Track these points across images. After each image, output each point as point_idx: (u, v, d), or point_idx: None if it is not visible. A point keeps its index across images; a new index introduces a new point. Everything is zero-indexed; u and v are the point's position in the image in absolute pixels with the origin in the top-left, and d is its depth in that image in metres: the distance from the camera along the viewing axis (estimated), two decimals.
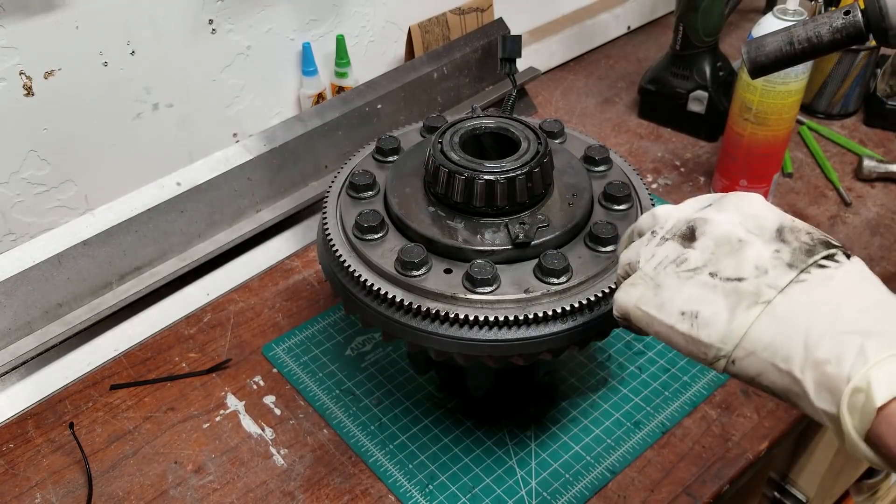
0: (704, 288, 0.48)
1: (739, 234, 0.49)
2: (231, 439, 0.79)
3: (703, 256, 0.49)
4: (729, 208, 0.51)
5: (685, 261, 0.49)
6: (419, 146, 0.78)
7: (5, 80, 0.84)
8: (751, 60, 0.67)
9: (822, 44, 0.65)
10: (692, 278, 0.48)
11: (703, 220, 0.50)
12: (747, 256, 0.47)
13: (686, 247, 0.50)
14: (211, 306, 0.94)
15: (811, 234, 0.48)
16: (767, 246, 0.48)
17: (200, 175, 0.94)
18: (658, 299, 0.50)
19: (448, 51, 1.15)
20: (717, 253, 0.48)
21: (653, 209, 0.56)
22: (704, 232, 0.50)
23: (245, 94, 1.06)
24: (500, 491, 0.74)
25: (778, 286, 0.46)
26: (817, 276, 0.46)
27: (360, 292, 0.66)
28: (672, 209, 0.54)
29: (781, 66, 0.67)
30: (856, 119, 1.23)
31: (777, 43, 0.66)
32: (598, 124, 1.25)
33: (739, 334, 0.46)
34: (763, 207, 0.51)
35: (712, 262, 0.48)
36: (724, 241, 0.49)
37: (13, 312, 0.83)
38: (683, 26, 1.14)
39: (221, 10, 0.97)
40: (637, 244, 0.54)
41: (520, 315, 0.62)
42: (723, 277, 0.47)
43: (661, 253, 0.51)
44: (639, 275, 0.52)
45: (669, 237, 0.52)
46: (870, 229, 1.03)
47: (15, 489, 0.76)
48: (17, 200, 0.90)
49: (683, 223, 0.51)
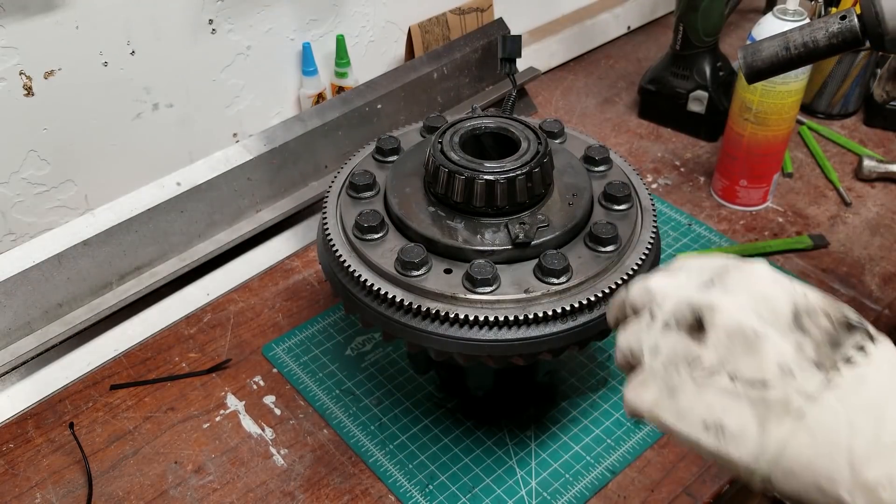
0: (726, 395, 0.43)
1: (753, 325, 0.43)
2: (231, 439, 0.79)
3: (717, 355, 0.44)
4: (736, 290, 0.46)
5: (698, 361, 0.44)
6: (419, 146, 0.78)
7: (5, 80, 0.84)
8: (747, 65, 0.67)
9: (819, 49, 0.65)
10: (710, 382, 0.44)
11: (710, 307, 0.45)
12: (767, 354, 0.43)
13: (695, 340, 0.45)
14: (211, 306, 0.94)
15: (829, 314, 0.44)
16: (786, 338, 0.43)
17: (200, 175, 0.94)
18: (675, 406, 0.45)
19: (448, 51, 1.15)
20: (733, 349, 0.44)
21: (645, 282, 0.50)
22: (713, 323, 0.45)
23: (245, 94, 1.06)
24: (500, 491, 0.74)
25: (809, 393, 0.41)
26: (849, 377, 0.41)
27: (360, 292, 0.66)
28: (668, 284, 0.49)
29: (778, 72, 0.67)
30: (856, 119, 1.23)
31: (773, 48, 0.66)
32: (598, 124, 1.25)
33: (774, 452, 0.41)
34: (772, 285, 0.46)
35: (729, 362, 0.43)
36: (738, 335, 0.44)
37: (13, 312, 0.83)
38: (683, 26, 1.14)
39: (221, 10, 0.97)
40: (635, 327, 0.49)
41: (520, 315, 0.62)
42: (744, 381, 0.43)
43: (667, 346, 0.46)
44: (648, 372, 0.47)
45: (672, 324, 0.46)
46: (870, 229, 1.03)
47: (15, 489, 0.76)
48: (17, 200, 0.90)
49: (686, 307, 0.46)
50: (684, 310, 0.46)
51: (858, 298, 0.93)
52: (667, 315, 0.47)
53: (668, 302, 0.47)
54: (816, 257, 0.98)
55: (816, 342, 0.43)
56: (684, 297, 0.47)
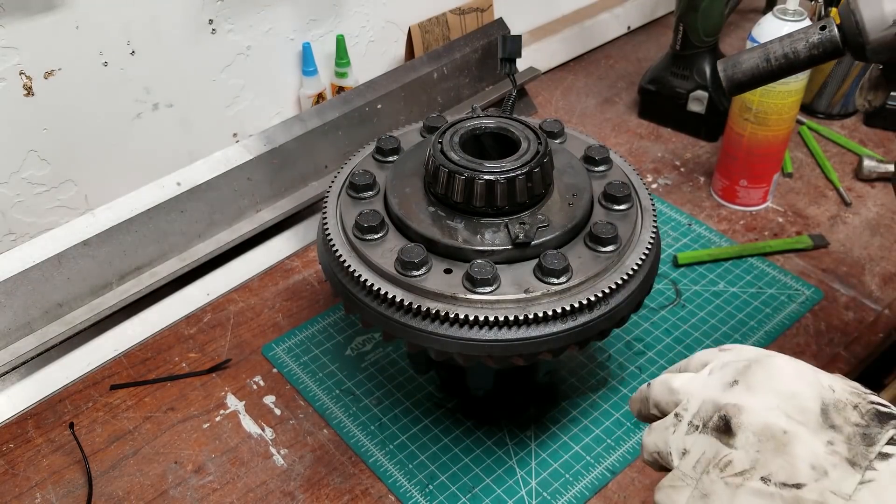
0: (760, 497, 0.42)
1: (782, 425, 0.43)
2: (231, 439, 0.79)
3: (748, 457, 0.43)
4: (761, 388, 0.45)
5: (729, 463, 0.44)
6: (419, 146, 0.78)
7: (5, 80, 0.84)
8: (727, 78, 0.66)
9: (800, 60, 0.64)
10: (743, 485, 0.43)
11: (737, 408, 0.45)
12: (799, 454, 0.42)
13: (724, 443, 0.45)
14: (211, 306, 0.94)
15: (858, 407, 0.43)
16: (817, 436, 0.43)
17: (200, 175, 0.94)
18: None
19: (448, 51, 1.15)
20: (763, 451, 0.43)
21: (667, 379, 0.50)
22: (741, 424, 0.44)
23: (245, 94, 1.06)
24: (500, 491, 0.74)
25: (845, 493, 0.41)
26: (884, 472, 0.41)
27: (360, 292, 0.66)
28: (692, 384, 0.49)
29: (758, 84, 0.66)
30: (856, 119, 1.23)
31: (753, 60, 0.65)
32: (598, 124, 1.25)
33: None
34: (796, 381, 0.45)
35: (761, 465, 0.43)
36: (768, 436, 0.43)
37: (13, 312, 0.83)
38: (683, 26, 1.14)
39: (221, 10, 0.97)
40: (661, 429, 0.48)
41: (520, 315, 0.62)
42: (778, 483, 0.42)
43: (696, 448, 0.46)
44: (678, 476, 0.46)
45: (699, 426, 0.46)
46: (870, 229, 1.03)
47: (15, 489, 0.76)
48: (17, 200, 0.90)
49: (712, 408, 0.46)
50: (710, 411, 0.46)
51: (858, 298, 0.93)
52: (693, 416, 0.47)
53: (693, 402, 0.47)
54: (816, 257, 0.98)
55: (848, 438, 0.42)
56: (709, 399, 0.47)
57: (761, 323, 0.89)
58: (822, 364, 0.85)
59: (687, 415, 0.47)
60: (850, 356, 0.86)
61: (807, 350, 0.86)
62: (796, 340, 0.88)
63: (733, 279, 0.95)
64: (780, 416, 0.44)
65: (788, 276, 0.95)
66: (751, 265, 0.97)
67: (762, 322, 0.90)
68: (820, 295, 0.93)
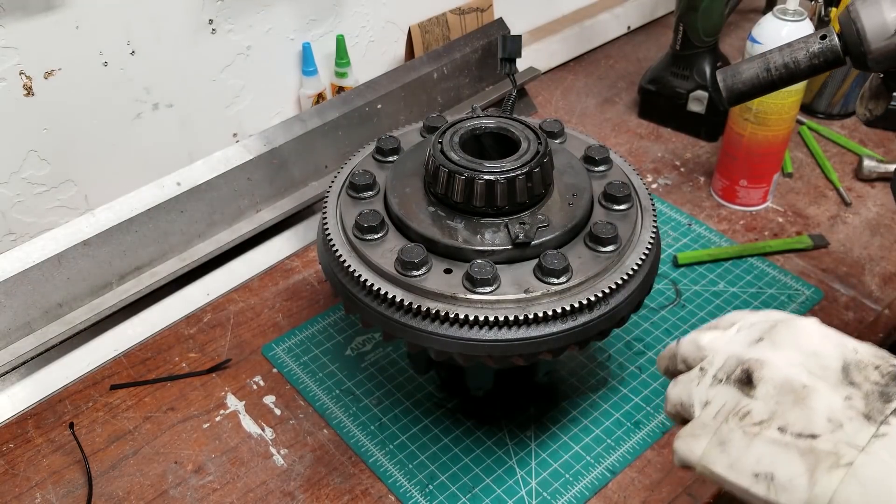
0: (776, 446, 0.44)
1: (803, 379, 0.45)
2: (231, 439, 0.79)
3: (767, 408, 0.45)
4: (785, 345, 0.47)
5: (748, 413, 0.46)
6: (419, 146, 0.78)
7: (5, 80, 0.84)
8: (727, 88, 0.65)
9: (800, 69, 0.63)
10: (760, 434, 0.45)
11: (760, 362, 0.46)
12: (817, 408, 0.44)
13: (745, 394, 0.46)
14: (211, 306, 0.94)
15: (879, 367, 0.44)
16: (836, 391, 0.44)
17: (200, 175, 0.94)
18: (726, 458, 0.46)
19: (448, 51, 1.15)
20: (782, 403, 0.45)
21: (695, 337, 0.51)
22: (763, 377, 0.46)
23: (245, 94, 1.06)
24: (500, 491, 0.74)
25: (858, 444, 0.42)
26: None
27: (360, 292, 0.66)
28: (718, 340, 0.50)
29: (759, 94, 0.65)
30: (856, 119, 1.23)
31: (754, 70, 0.64)
32: (598, 124, 1.25)
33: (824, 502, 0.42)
34: (822, 340, 0.47)
35: (779, 415, 0.45)
36: (788, 389, 0.45)
37: (13, 312, 0.83)
38: (683, 26, 1.14)
39: (221, 10, 0.97)
40: (686, 382, 0.50)
41: (520, 315, 0.62)
42: (794, 433, 0.44)
43: (717, 399, 0.48)
44: (698, 424, 0.48)
45: (723, 378, 0.48)
46: (870, 229, 1.03)
47: (15, 489, 0.76)
48: (17, 200, 0.91)
49: (735, 363, 0.48)
50: (734, 364, 0.48)
51: (858, 298, 0.93)
52: (717, 370, 0.49)
53: (719, 357, 0.49)
54: (816, 257, 0.98)
55: (866, 394, 0.43)
56: (734, 353, 0.48)
57: None
58: None
59: (711, 369, 0.49)
60: None
61: None
62: None
63: (733, 279, 0.95)
64: (801, 371, 0.45)
65: (788, 276, 0.95)
66: (751, 265, 0.97)
67: None
68: (820, 295, 0.93)
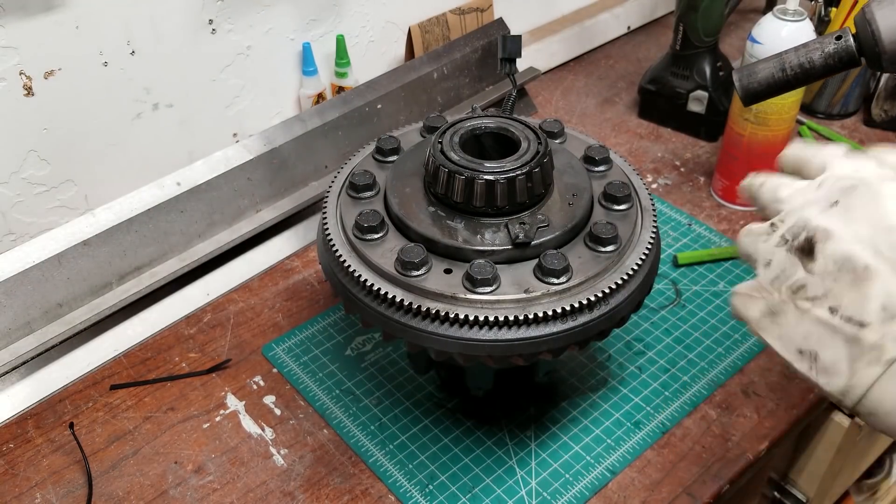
0: (824, 327, 0.43)
1: (866, 259, 0.42)
2: (231, 439, 0.79)
3: (822, 285, 0.43)
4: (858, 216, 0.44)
5: (803, 287, 0.44)
6: (419, 146, 0.78)
7: (5, 80, 0.84)
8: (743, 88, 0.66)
9: (815, 69, 0.64)
10: (810, 311, 0.44)
11: (826, 232, 0.44)
12: (873, 292, 0.41)
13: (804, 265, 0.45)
14: (211, 306, 0.94)
15: None
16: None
17: (200, 175, 0.94)
18: (776, 329, 0.46)
19: (448, 51, 1.15)
20: (839, 281, 0.43)
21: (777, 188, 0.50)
22: (824, 251, 0.44)
23: (245, 94, 1.06)
24: (500, 491, 0.74)
25: None
26: None
27: (360, 292, 0.66)
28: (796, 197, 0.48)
29: (774, 93, 0.66)
30: (856, 119, 1.23)
31: (769, 70, 0.65)
32: (598, 124, 1.25)
33: (860, 393, 0.42)
34: None
35: (833, 294, 0.43)
36: (848, 268, 0.43)
37: (13, 312, 0.83)
38: (683, 26, 1.14)
39: (221, 10, 0.97)
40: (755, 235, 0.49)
41: (520, 315, 0.62)
42: (844, 317, 0.42)
43: (778, 263, 0.46)
44: (755, 286, 0.48)
45: (789, 240, 0.46)
46: None
47: (15, 489, 0.76)
48: (17, 200, 0.91)
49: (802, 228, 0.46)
50: (800, 229, 0.46)
51: None
52: (786, 231, 0.47)
53: (791, 217, 0.47)
54: None
55: None
56: (805, 217, 0.46)
57: None
58: None
59: (782, 227, 0.47)
60: None
61: None
62: None
63: (733, 279, 0.95)
64: (866, 249, 0.42)
65: None
66: None
67: None
68: None
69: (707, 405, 0.81)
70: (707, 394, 0.82)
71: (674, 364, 0.85)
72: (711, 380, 0.83)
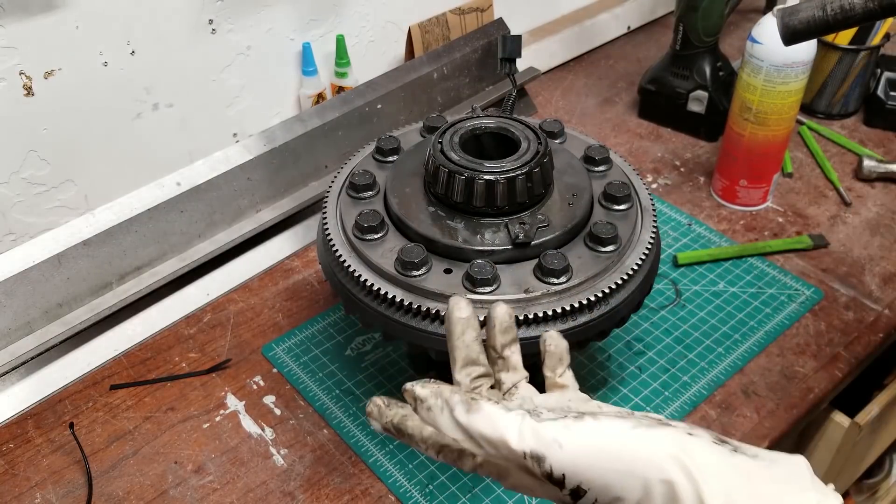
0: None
1: None
2: (231, 439, 0.79)
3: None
4: None
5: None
6: (419, 146, 0.78)
7: (5, 80, 0.84)
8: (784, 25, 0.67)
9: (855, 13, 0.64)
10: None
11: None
12: None
13: None
14: (211, 306, 0.94)
15: None
16: None
17: (200, 175, 0.94)
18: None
19: (448, 51, 1.15)
20: None
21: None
22: None
23: (245, 94, 1.06)
24: (500, 491, 0.74)
25: None
26: None
27: (360, 292, 0.66)
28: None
29: (814, 34, 0.67)
30: (856, 119, 1.23)
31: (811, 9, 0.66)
32: (598, 124, 1.25)
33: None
34: None
35: None
36: None
37: (13, 312, 0.83)
38: (683, 26, 1.14)
39: (221, 10, 0.97)
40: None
41: (520, 315, 0.62)
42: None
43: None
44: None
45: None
46: (870, 229, 1.03)
47: (15, 489, 0.76)
48: (17, 200, 0.91)
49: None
50: None
51: (858, 298, 0.93)
52: None
53: None
54: (816, 257, 0.98)
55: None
56: None
57: (761, 323, 0.89)
58: (822, 364, 0.85)
59: None
60: (850, 356, 0.86)
61: (807, 350, 0.86)
62: (796, 340, 0.88)
63: (733, 279, 0.95)
64: None
65: (788, 276, 0.95)
66: (751, 265, 0.97)
67: (762, 322, 0.90)
68: (820, 295, 0.93)
69: (707, 405, 0.81)
70: (707, 394, 0.82)
71: (674, 364, 0.85)
72: (711, 380, 0.83)
